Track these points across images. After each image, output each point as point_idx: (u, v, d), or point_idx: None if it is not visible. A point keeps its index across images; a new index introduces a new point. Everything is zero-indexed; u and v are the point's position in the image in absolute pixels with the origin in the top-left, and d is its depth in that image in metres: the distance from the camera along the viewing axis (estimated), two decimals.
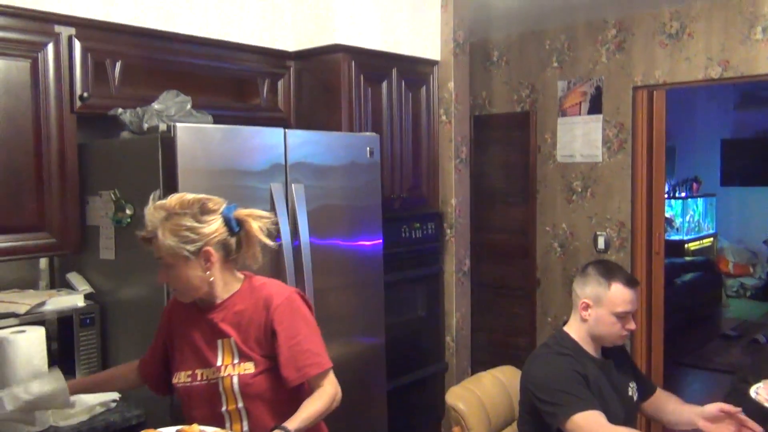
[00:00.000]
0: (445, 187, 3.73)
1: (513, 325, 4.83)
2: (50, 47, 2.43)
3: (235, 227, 1.81)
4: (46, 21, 2.43)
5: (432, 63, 3.69)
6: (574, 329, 2.21)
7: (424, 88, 3.66)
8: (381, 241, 2.95)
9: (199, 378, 1.84)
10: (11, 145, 2.34)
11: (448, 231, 3.73)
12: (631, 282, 2.16)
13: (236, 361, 1.81)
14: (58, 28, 2.46)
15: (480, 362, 3.78)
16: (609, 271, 2.17)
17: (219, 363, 1.82)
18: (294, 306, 1.86)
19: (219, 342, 1.83)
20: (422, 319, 3.64)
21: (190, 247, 1.75)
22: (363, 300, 2.90)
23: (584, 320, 2.17)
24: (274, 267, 2.49)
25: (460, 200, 3.76)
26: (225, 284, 1.85)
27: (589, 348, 2.19)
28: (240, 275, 1.90)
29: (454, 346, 3.74)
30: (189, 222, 1.75)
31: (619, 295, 2.13)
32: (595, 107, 4.38)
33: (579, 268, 2.19)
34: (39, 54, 2.40)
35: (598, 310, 2.14)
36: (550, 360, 2.15)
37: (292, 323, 1.84)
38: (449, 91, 3.69)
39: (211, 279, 1.81)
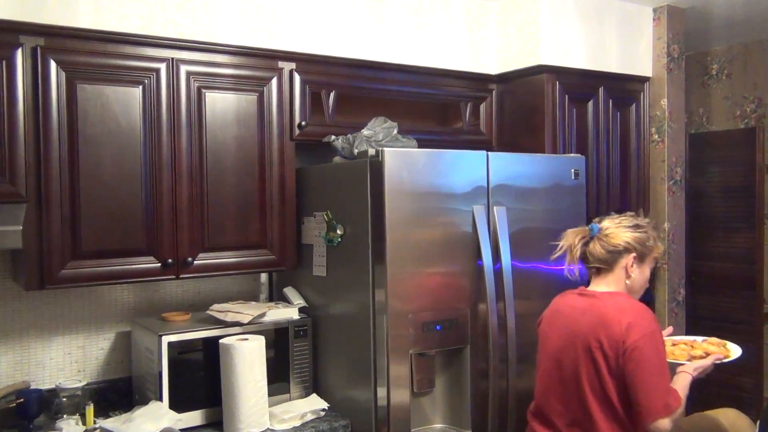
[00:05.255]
0: (656, 211, 3.50)
1: (736, 363, 4.36)
2: (274, 81, 2.67)
3: None
4: (271, 58, 2.68)
5: (642, 80, 3.50)
6: None
7: (633, 107, 3.48)
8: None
9: None
10: (241, 170, 2.59)
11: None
12: None
13: None
14: (281, 64, 2.70)
15: (696, 402, 3.46)
16: None
17: None
18: None
19: None
20: None
21: None
22: None
23: None
24: (476, 289, 2.50)
25: (674, 225, 3.50)
26: None
27: None
28: None
29: None
30: None
31: None
32: None
33: None
34: (265, 88, 2.65)
35: None
36: None
37: None
38: (662, 109, 3.47)
39: None
